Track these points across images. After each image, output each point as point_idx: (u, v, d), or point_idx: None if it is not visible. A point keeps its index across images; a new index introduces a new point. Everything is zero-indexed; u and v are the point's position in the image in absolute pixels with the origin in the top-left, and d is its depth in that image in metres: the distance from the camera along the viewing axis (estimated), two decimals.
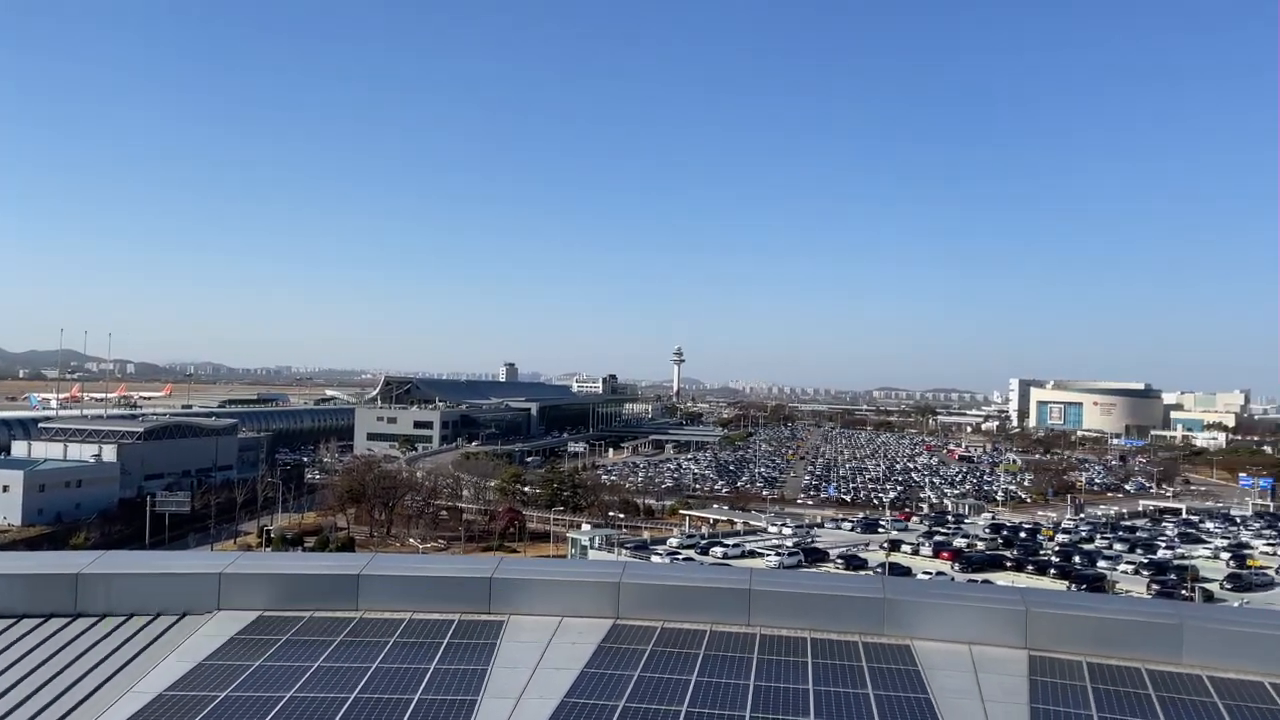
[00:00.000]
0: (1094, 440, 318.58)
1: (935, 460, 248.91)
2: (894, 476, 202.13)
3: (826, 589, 15.68)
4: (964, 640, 14.28)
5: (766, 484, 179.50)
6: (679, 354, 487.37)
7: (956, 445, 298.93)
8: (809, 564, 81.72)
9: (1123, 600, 41.04)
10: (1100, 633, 14.09)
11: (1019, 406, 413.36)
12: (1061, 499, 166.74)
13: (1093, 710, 12.38)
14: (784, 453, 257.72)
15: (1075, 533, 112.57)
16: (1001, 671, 13.46)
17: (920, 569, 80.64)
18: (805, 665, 13.63)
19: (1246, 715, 12.23)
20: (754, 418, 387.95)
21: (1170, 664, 13.63)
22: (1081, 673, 13.40)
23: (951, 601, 15.12)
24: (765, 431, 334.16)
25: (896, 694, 12.77)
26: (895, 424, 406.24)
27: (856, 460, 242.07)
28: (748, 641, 14.46)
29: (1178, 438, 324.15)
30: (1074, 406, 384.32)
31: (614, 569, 16.33)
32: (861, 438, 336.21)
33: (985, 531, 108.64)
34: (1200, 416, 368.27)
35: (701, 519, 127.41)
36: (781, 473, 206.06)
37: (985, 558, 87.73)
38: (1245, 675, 13.25)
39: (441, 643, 14.30)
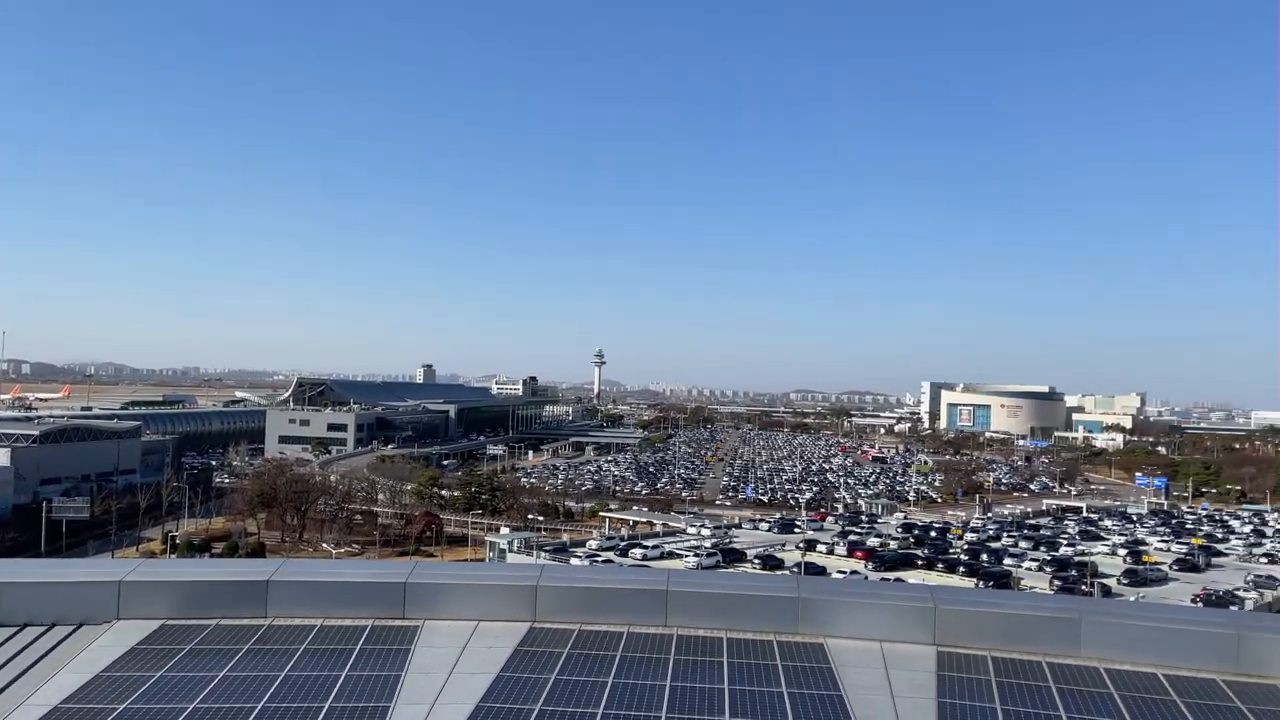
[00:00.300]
0: (1001, 441, 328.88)
1: (850, 461, 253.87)
2: (810, 477, 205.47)
3: (742, 589, 15.84)
4: (875, 638, 14.58)
5: (686, 485, 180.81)
6: (600, 356, 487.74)
7: (871, 447, 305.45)
8: (727, 564, 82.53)
9: (1026, 596, 42.42)
10: (1005, 628, 14.54)
11: (930, 409, 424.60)
12: (970, 498, 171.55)
13: (996, 703, 12.76)
14: (703, 454, 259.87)
15: (983, 531, 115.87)
16: (911, 667, 13.78)
17: (835, 568, 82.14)
18: (721, 665, 13.76)
19: (1140, 705, 12.75)
20: (674, 420, 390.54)
21: (1070, 657, 14.12)
22: (987, 667, 13.79)
23: (864, 600, 15.43)
24: (685, 433, 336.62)
25: (810, 691, 12.98)
26: (812, 426, 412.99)
27: (774, 461, 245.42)
28: (665, 642, 14.53)
29: (1079, 439, 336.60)
30: (983, 409, 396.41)
31: (531, 572, 16.24)
32: (779, 439, 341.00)
33: (898, 531, 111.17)
34: (1100, 418, 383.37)
35: (621, 521, 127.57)
36: (700, 474, 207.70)
37: (897, 556, 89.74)
38: (1139, 667, 13.82)
39: (353, 649, 14.02)
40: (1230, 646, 13.85)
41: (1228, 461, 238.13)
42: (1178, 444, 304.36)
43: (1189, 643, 14.10)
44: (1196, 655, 13.91)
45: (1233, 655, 13.77)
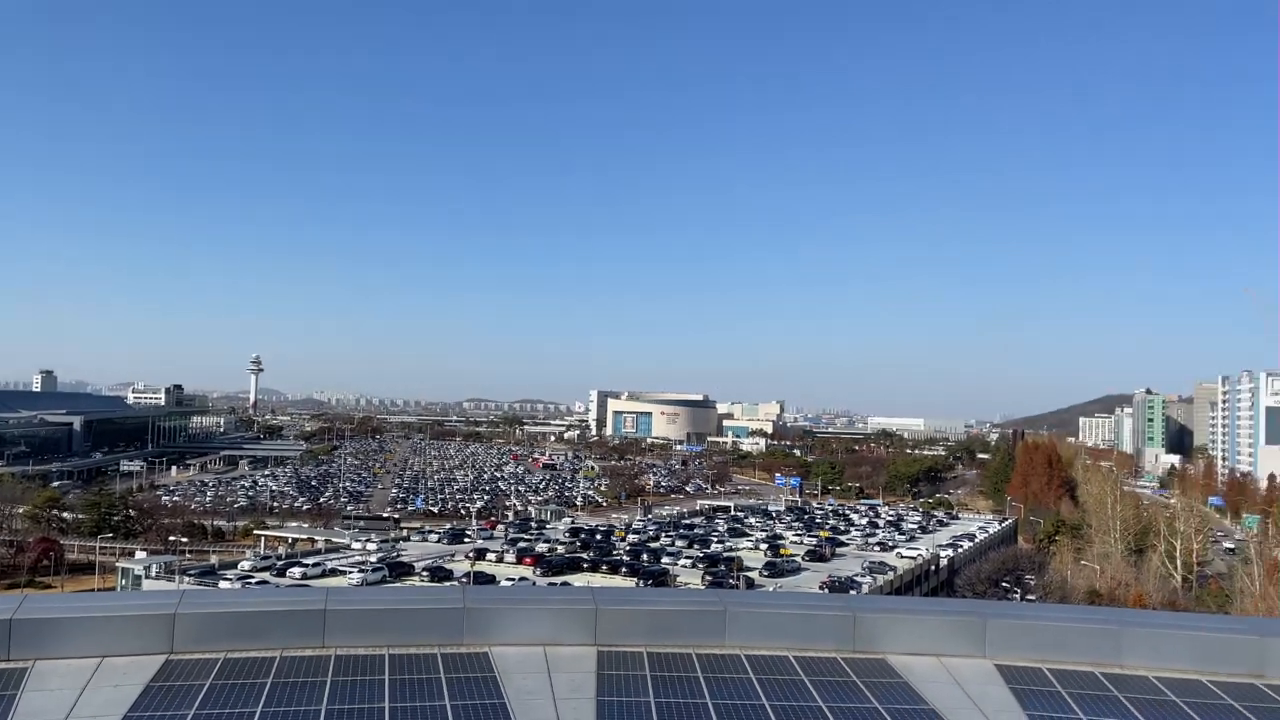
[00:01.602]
0: (661, 446, 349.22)
1: (521, 469, 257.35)
2: (482, 486, 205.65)
3: (405, 603, 15.41)
4: (539, 642, 14.78)
5: (352, 499, 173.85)
6: (257, 362, 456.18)
7: (541, 454, 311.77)
8: (394, 578, 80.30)
9: (678, 592, 45.19)
10: (658, 623, 15.32)
11: (598, 416, 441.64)
12: (633, 501, 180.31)
13: (651, 696, 13.41)
14: (371, 466, 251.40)
15: (644, 532, 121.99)
16: (573, 669, 14.12)
17: (504, 576, 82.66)
18: (383, 683, 13.29)
19: (774, 686, 13.98)
20: (340, 430, 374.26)
21: (716, 647, 15.17)
22: (642, 662, 14.46)
23: (528, 606, 15.59)
24: (352, 444, 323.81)
25: (473, 702, 12.89)
26: (484, 434, 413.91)
27: (446, 471, 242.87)
28: (322, 664, 13.79)
29: (729, 443, 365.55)
30: (645, 416, 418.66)
31: (169, 599, 14.72)
32: (451, 448, 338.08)
33: (565, 535, 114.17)
34: (746, 424, 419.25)
35: (279, 539, 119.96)
36: (368, 486, 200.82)
37: (565, 560, 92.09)
38: (774, 651, 15.14)
39: None
40: (847, 627, 15.56)
41: (849, 462, 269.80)
42: (810, 447, 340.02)
43: (815, 626, 15.67)
44: (821, 637, 15.48)
45: (849, 635, 15.48)
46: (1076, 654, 15.39)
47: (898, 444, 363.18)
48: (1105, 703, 14.04)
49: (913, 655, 15.27)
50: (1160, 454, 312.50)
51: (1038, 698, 14.07)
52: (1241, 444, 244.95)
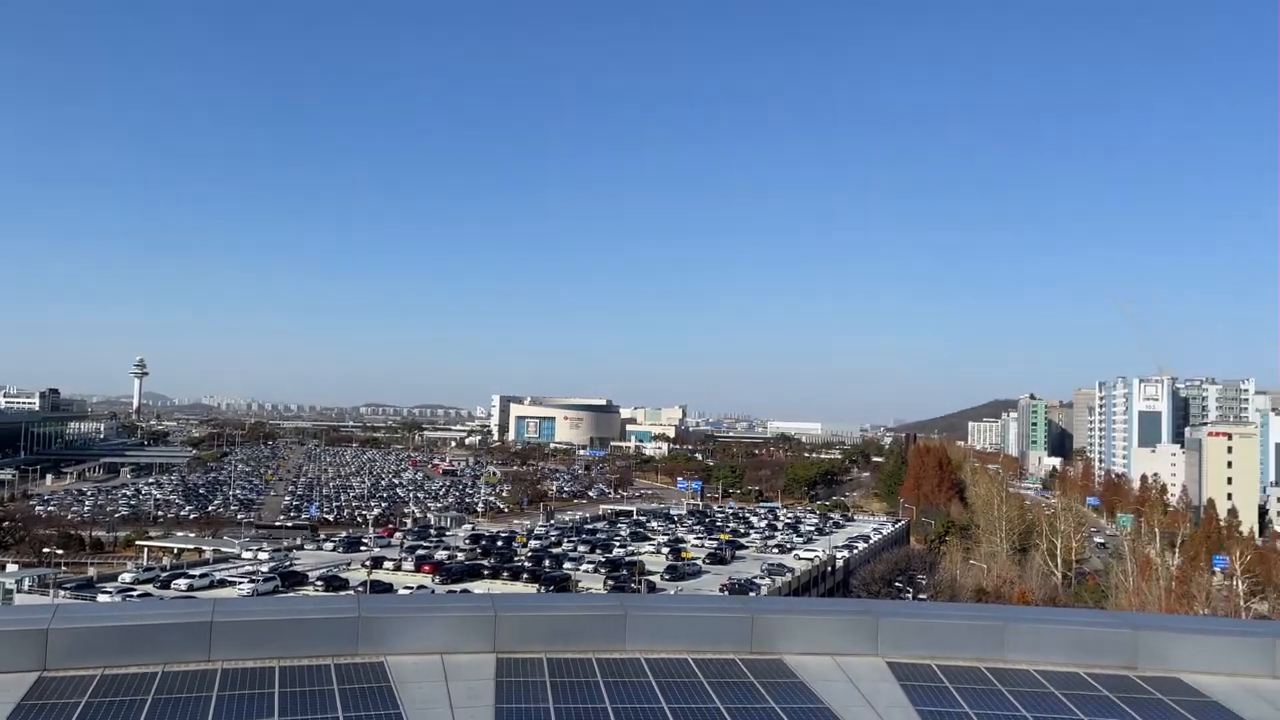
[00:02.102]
0: (565, 451, 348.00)
1: (421, 475, 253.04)
2: (379, 493, 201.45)
3: (297, 613, 14.98)
4: (437, 650, 14.54)
5: (242, 507, 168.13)
6: (141, 365, 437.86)
7: (441, 460, 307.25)
8: (287, 588, 77.97)
9: (578, 597, 45.15)
10: (558, 629, 15.26)
11: (500, 421, 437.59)
12: (535, 507, 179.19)
13: (550, 702, 13.34)
14: (263, 473, 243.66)
15: (546, 538, 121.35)
16: (471, 677, 13.94)
17: (402, 584, 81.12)
18: (272, 697, 12.88)
19: (673, 689, 14.07)
20: (230, 436, 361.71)
21: (616, 651, 15.18)
22: (542, 669, 14.37)
23: (425, 614, 15.33)
24: (243, 451, 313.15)
25: (367, 713, 12.60)
26: (382, 440, 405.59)
27: (341, 478, 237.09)
28: (208, 679, 13.28)
29: (632, 448, 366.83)
30: (548, 421, 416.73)
31: (41, 614, 13.98)
32: (348, 455, 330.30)
33: (466, 542, 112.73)
34: (649, 429, 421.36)
35: (164, 550, 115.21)
36: (260, 494, 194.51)
37: (465, 568, 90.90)
38: (674, 654, 15.24)
39: None
40: (745, 628, 15.78)
41: (749, 465, 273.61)
42: (712, 451, 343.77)
43: (714, 628, 15.84)
44: (719, 638, 15.67)
45: (746, 636, 15.70)
46: (963, 650, 15.94)
47: (796, 448, 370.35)
48: (989, 696, 14.56)
49: (809, 655, 15.58)
50: (1043, 456, 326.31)
51: (927, 693, 14.51)
52: (1116, 446, 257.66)
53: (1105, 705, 14.46)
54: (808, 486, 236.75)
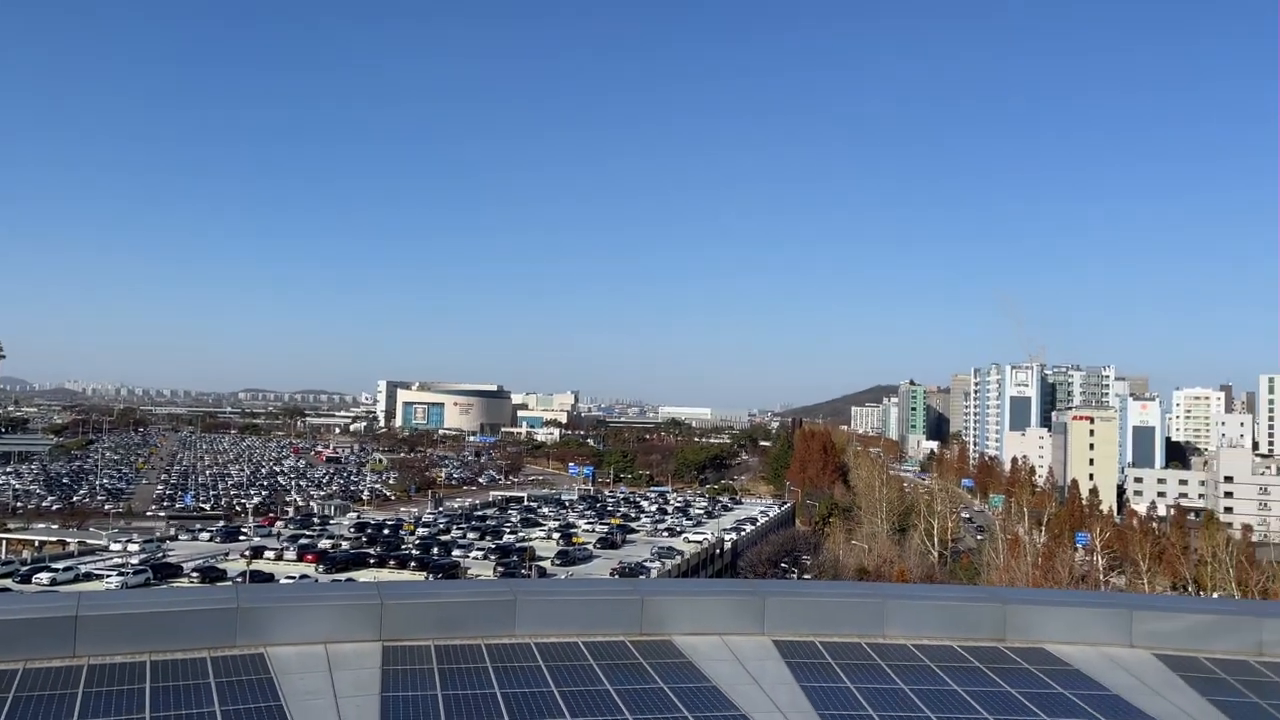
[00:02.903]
0: (454, 438, 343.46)
1: (303, 463, 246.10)
2: (260, 481, 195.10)
3: (171, 605, 14.40)
4: (321, 640, 14.20)
5: (111, 497, 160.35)
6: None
7: (325, 447, 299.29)
8: (160, 581, 74.78)
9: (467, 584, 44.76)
10: (446, 616, 15.09)
11: (386, 407, 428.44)
12: (423, 494, 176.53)
13: (438, 690, 13.19)
14: (133, 461, 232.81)
15: (435, 525, 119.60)
16: (356, 666, 13.67)
17: (284, 574, 78.78)
18: (143, 692, 12.35)
19: (563, 672, 14.09)
20: (97, 423, 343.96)
21: (506, 636, 15.11)
22: (430, 656, 14.19)
23: (308, 603, 14.94)
24: (111, 438, 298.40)
25: (246, 706, 12.21)
26: (262, 427, 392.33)
27: (219, 466, 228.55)
28: (73, 676, 12.64)
29: (523, 433, 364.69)
30: (436, 407, 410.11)
31: None
32: (225, 442, 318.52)
33: (351, 531, 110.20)
34: (541, 414, 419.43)
35: (24, 542, 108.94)
36: (130, 483, 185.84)
37: (349, 556, 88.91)
38: (564, 638, 15.26)
39: None
40: (635, 611, 15.91)
41: (640, 450, 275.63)
42: (603, 436, 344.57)
43: (604, 611, 15.93)
44: (609, 622, 15.76)
45: (636, 618, 15.84)
46: (845, 627, 16.46)
47: (686, 433, 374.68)
48: (870, 671, 15.08)
49: (697, 635, 15.83)
50: (922, 440, 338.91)
51: (810, 669, 14.93)
52: (990, 430, 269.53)
53: (977, 676, 15.15)
54: (697, 471, 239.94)
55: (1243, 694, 15.09)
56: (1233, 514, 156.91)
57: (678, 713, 13.08)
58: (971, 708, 13.96)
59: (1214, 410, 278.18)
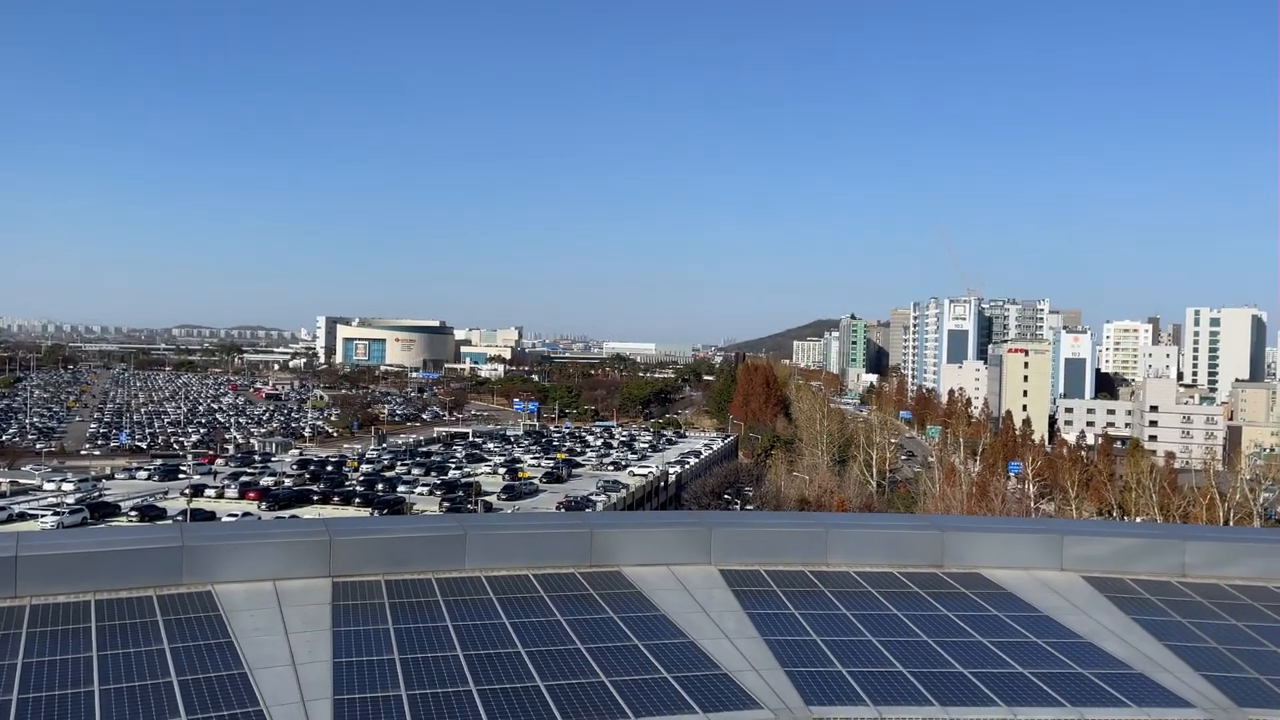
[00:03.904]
0: (396, 374, 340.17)
1: (242, 400, 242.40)
2: (197, 418, 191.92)
3: (114, 544, 14.24)
4: (268, 577, 14.16)
5: (42, 435, 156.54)
6: None
7: (264, 384, 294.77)
8: (97, 520, 73.58)
9: (416, 519, 44.79)
10: (396, 551, 15.13)
11: (326, 343, 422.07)
12: (366, 431, 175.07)
13: (390, 623, 13.27)
14: (64, 399, 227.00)
15: (378, 462, 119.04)
16: (305, 602, 13.67)
17: (226, 512, 78.07)
18: (89, 631, 12.24)
19: (513, 604, 14.27)
20: (24, 360, 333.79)
21: (455, 571, 15.21)
22: (380, 591, 14.25)
23: (255, 540, 14.86)
24: (39, 376, 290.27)
25: (195, 643, 12.18)
26: (198, 364, 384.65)
27: (154, 404, 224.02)
28: (15, 615, 12.48)
29: (467, 369, 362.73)
30: (378, 343, 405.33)
31: None
32: (160, 379, 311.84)
33: (293, 468, 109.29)
34: (485, 350, 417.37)
35: None
36: (61, 422, 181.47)
37: (293, 493, 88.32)
38: (514, 571, 15.41)
39: None
40: (584, 543, 16.11)
41: (585, 386, 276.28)
42: (548, 372, 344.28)
43: (553, 544, 16.10)
44: (559, 554, 15.95)
45: (586, 551, 16.05)
46: (789, 555, 16.86)
47: (631, 368, 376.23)
48: (813, 597, 15.51)
49: (645, 566, 16.10)
50: (862, 373, 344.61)
51: (756, 597, 15.31)
52: (928, 363, 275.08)
53: (916, 600, 15.68)
54: (642, 405, 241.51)
55: (1165, 613, 15.85)
56: (1157, 442, 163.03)
57: (628, 641, 13.36)
58: (911, 631, 14.47)
59: (1142, 342, 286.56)
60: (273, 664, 11.88)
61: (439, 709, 11.08)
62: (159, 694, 10.90)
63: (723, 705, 11.85)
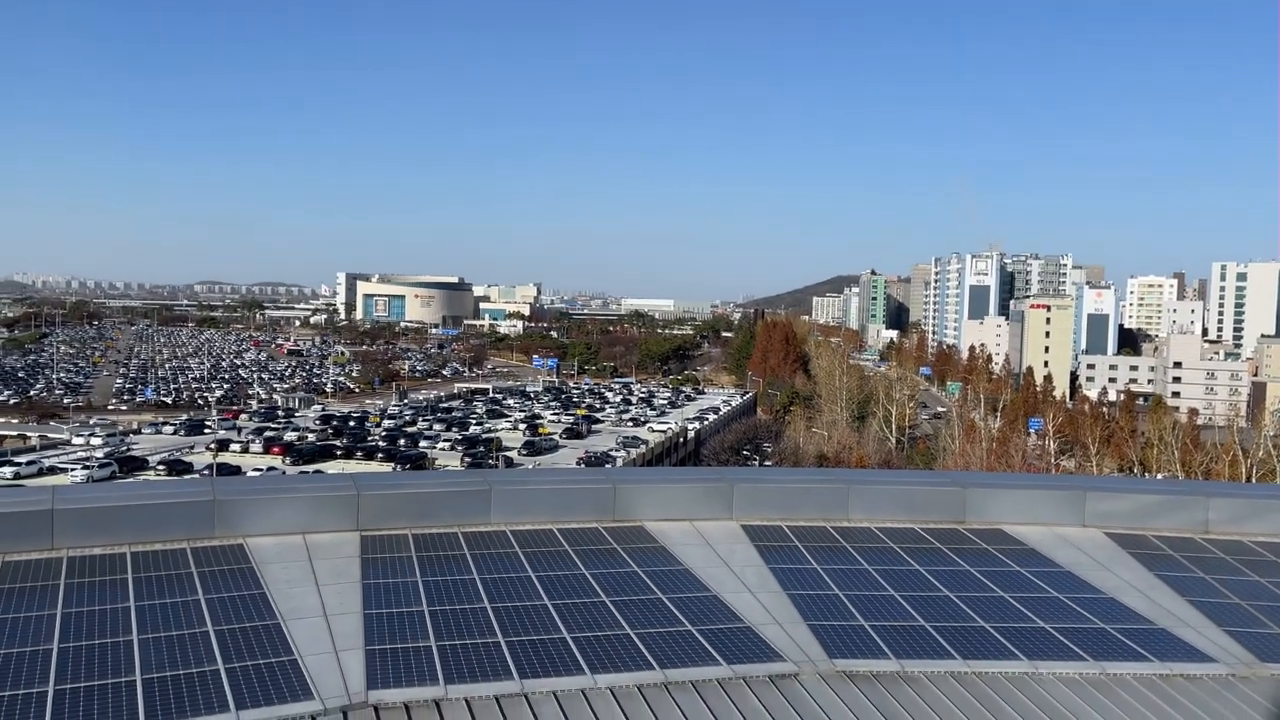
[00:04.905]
0: (416, 330, 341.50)
1: (264, 356, 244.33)
2: (220, 374, 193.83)
3: (147, 498, 14.49)
4: (297, 530, 14.39)
5: (69, 390, 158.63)
6: None
7: (286, 340, 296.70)
8: (125, 474, 74.83)
9: (442, 474, 45.28)
10: (422, 505, 15.32)
11: (346, 300, 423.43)
12: (387, 387, 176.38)
13: (418, 575, 13.51)
14: (90, 354, 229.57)
15: (400, 417, 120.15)
16: (335, 555, 13.91)
17: (251, 466, 79.17)
18: (125, 583, 12.52)
19: (539, 557, 14.46)
20: (50, 316, 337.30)
21: (481, 525, 15.40)
22: (408, 544, 14.47)
23: (284, 494, 15.07)
24: (65, 332, 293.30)
25: (229, 594, 12.44)
26: (221, 320, 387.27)
27: (178, 360, 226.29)
28: (53, 567, 12.77)
29: (486, 326, 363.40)
30: (397, 299, 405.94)
31: None
32: (183, 335, 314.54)
33: (316, 423, 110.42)
34: (503, 306, 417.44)
35: None
36: (88, 377, 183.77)
37: (316, 448, 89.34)
38: (538, 525, 15.60)
39: None
40: (607, 498, 16.26)
41: (604, 342, 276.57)
42: (567, 329, 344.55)
43: (576, 499, 16.26)
44: (582, 509, 16.10)
45: (609, 505, 16.20)
46: (810, 511, 16.95)
47: (649, 324, 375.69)
48: (835, 552, 15.62)
49: (668, 521, 16.24)
50: (882, 329, 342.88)
51: (778, 552, 15.43)
52: (949, 319, 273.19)
53: (937, 555, 15.77)
54: (660, 362, 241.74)
55: (1188, 569, 15.87)
56: (1180, 398, 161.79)
57: (651, 594, 13.53)
58: (932, 585, 14.57)
59: (1166, 298, 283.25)
60: (305, 615, 12.13)
61: (469, 660, 11.30)
62: (196, 643, 11.16)
63: (746, 658, 12.01)
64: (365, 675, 10.86)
